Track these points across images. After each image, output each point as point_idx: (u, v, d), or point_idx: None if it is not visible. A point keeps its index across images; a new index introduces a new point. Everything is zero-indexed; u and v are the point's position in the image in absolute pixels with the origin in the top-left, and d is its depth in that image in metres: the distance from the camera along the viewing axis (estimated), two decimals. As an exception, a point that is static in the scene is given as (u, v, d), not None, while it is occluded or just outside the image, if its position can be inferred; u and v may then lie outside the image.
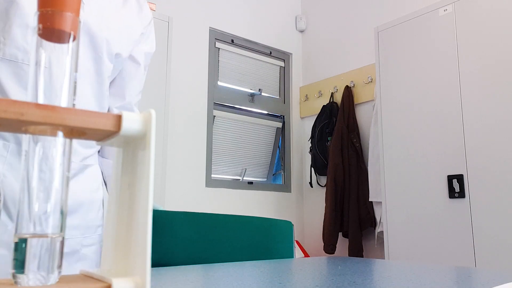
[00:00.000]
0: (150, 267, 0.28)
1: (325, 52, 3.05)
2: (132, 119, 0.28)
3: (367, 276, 0.54)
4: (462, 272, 0.60)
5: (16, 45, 0.71)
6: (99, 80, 0.82)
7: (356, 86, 2.73)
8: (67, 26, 0.28)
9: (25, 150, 0.28)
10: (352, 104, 2.69)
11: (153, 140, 0.28)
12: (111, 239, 0.31)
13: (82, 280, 0.29)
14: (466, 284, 0.46)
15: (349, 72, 2.81)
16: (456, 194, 1.74)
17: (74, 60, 0.29)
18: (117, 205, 0.31)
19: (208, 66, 2.66)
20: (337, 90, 2.84)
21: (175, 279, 0.50)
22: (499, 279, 0.47)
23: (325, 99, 2.90)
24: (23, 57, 0.71)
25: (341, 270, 0.61)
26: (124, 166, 0.31)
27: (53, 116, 0.25)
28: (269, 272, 0.59)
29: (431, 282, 0.46)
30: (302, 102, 3.13)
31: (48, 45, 0.28)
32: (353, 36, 2.84)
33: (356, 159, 2.54)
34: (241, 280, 0.50)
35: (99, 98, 0.83)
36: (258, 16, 2.99)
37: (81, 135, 0.29)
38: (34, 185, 0.27)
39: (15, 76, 0.71)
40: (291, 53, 3.18)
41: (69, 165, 0.29)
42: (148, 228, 0.28)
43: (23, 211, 0.27)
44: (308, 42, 3.20)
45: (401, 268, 0.62)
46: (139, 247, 0.28)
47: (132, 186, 0.30)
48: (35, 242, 0.27)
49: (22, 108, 0.24)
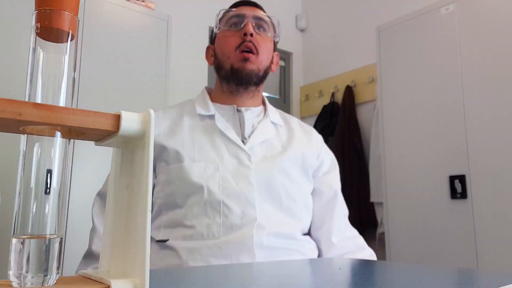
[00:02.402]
0: (149, 268, 0.27)
1: (326, 51, 3.04)
2: (131, 119, 0.27)
3: (368, 277, 0.54)
4: (464, 273, 0.59)
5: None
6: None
7: (357, 86, 2.73)
8: (65, 25, 0.28)
9: (23, 150, 0.27)
10: (353, 104, 2.69)
11: (152, 140, 0.27)
12: (110, 240, 0.31)
13: (81, 282, 0.28)
14: (468, 286, 0.46)
15: (350, 71, 2.80)
16: (458, 195, 1.74)
17: (73, 59, 0.29)
18: (116, 205, 0.31)
19: (208, 66, 2.66)
20: (338, 89, 2.84)
21: (174, 280, 0.50)
22: (502, 280, 0.47)
23: (326, 99, 2.90)
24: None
25: (341, 271, 0.60)
26: (123, 167, 0.31)
27: (51, 116, 0.25)
28: (269, 272, 0.59)
29: (433, 284, 0.46)
30: (303, 102, 3.13)
31: (46, 44, 0.27)
32: (354, 35, 2.84)
33: (357, 159, 2.53)
34: (241, 280, 0.50)
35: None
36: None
37: (80, 135, 0.28)
38: (32, 185, 0.27)
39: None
40: (291, 53, 3.17)
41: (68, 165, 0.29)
42: (147, 229, 0.28)
43: (20, 212, 0.27)
44: (309, 41, 3.20)
45: (403, 270, 0.61)
46: (138, 248, 0.28)
47: (130, 187, 0.29)
48: (33, 243, 0.26)
49: (20, 108, 0.24)
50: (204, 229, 0.82)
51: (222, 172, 0.86)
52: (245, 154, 0.89)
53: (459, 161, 1.75)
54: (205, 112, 0.95)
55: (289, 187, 0.90)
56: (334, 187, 1.00)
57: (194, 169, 0.86)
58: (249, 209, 0.84)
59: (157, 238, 0.86)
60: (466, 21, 1.81)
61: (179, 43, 2.47)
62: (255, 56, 0.93)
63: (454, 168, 1.76)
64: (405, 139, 1.97)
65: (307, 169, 0.96)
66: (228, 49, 0.94)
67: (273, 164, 0.90)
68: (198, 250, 0.81)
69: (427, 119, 1.89)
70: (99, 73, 1.79)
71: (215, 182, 0.85)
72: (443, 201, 1.79)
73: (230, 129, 0.92)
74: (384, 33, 2.14)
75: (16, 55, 1.62)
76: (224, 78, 0.96)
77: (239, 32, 0.93)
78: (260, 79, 0.96)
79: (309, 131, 1.05)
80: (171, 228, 0.86)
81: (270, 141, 0.95)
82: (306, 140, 1.00)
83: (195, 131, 0.91)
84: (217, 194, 0.84)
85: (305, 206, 0.94)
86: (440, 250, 1.77)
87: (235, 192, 0.84)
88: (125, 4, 1.93)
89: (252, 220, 0.83)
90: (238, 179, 0.86)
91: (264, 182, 0.87)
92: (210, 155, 0.88)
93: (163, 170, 0.88)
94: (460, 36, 1.82)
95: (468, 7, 1.81)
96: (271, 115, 1.00)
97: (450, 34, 1.85)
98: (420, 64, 1.95)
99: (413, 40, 2.00)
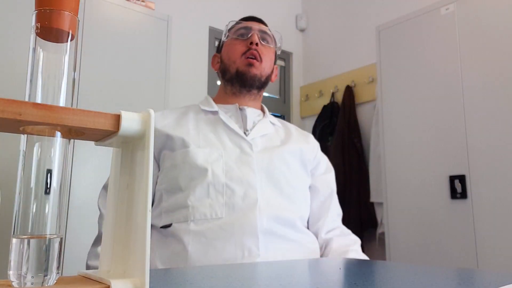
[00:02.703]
0: (149, 268, 0.27)
1: (326, 51, 3.04)
2: (131, 119, 0.27)
3: (368, 277, 0.54)
4: (464, 273, 0.59)
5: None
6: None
7: (357, 86, 2.73)
8: (65, 25, 0.28)
9: (23, 150, 0.27)
10: (353, 104, 2.69)
11: (152, 140, 0.27)
12: (110, 240, 0.31)
13: (81, 282, 0.28)
14: (468, 285, 0.46)
15: (350, 71, 2.80)
16: (458, 195, 1.73)
17: (73, 59, 0.29)
18: (116, 205, 0.31)
19: (207, 66, 2.66)
20: (338, 89, 2.83)
21: (174, 280, 0.50)
22: (502, 280, 0.47)
23: (326, 99, 2.90)
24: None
25: (342, 271, 0.60)
26: (123, 167, 0.30)
27: (51, 115, 0.25)
28: (269, 272, 0.59)
29: (433, 284, 0.46)
30: (303, 102, 3.12)
31: (46, 44, 0.27)
32: (354, 35, 2.84)
33: (357, 159, 2.53)
34: (241, 280, 0.50)
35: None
36: (258, 15, 2.98)
37: (80, 135, 0.28)
38: (32, 185, 0.27)
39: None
40: (291, 53, 3.17)
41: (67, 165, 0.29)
42: (147, 229, 0.28)
43: (20, 212, 0.26)
44: (309, 42, 3.19)
45: (403, 270, 0.61)
46: (138, 248, 0.28)
47: (130, 187, 0.29)
48: (33, 243, 0.26)
49: (20, 108, 0.24)
50: (207, 209, 0.85)
51: (226, 158, 0.91)
52: (247, 144, 0.94)
53: (459, 161, 1.75)
54: (209, 108, 1.01)
55: (289, 176, 0.95)
56: (331, 186, 1.06)
57: (199, 154, 0.90)
58: (250, 191, 0.88)
59: (160, 225, 0.88)
60: (466, 21, 1.81)
61: (179, 43, 2.47)
62: (259, 63, 1.01)
63: (454, 168, 1.76)
64: (405, 139, 1.97)
65: (305, 163, 1.01)
66: (235, 54, 1.02)
67: (273, 154, 0.96)
68: (202, 233, 0.82)
69: (427, 119, 1.89)
70: (99, 73, 1.79)
71: (219, 167, 0.89)
72: (443, 201, 1.79)
73: (233, 122, 0.98)
74: (384, 33, 2.14)
75: (16, 55, 1.62)
76: (228, 81, 1.03)
77: (246, 41, 1.02)
78: (262, 84, 1.04)
79: (306, 135, 1.11)
80: (172, 212, 0.87)
81: (270, 136, 1.01)
82: (303, 141, 1.07)
83: (199, 123, 0.97)
84: (220, 177, 0.88)
85: (303, 195, 0.99)
86: (440, 250, 1.77)
87: (237, 177, 0.89)
88: (125, 4, 1.93)
89: (254, 202, 0.86)
90: (241, 165, 0.91)
91: (265, 169, 0.92)
92: (214, 144, 0.93)
93: (168, 157, 0.92)
94: (460, 36, 1.82)
95: (468, 7, 1.81)
96: (270, 117, 1.07)
97: (450, 34, 1.85)
98: (420, 64, 1.95)
99: (413, 40, 2.00)
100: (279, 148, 0.98)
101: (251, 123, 1.01)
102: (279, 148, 0.98)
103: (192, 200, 0.86)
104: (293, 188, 0.95)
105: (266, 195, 0.89)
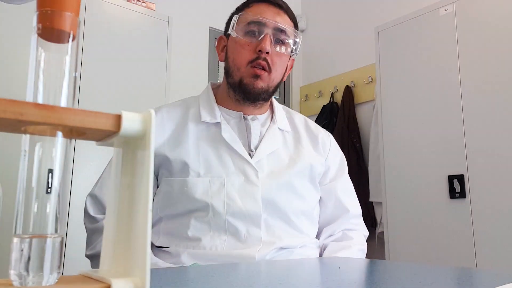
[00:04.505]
0: (149, 267, 0.27)
1: (325, 51, 3.05)
2: (132, 119, 0.28)
3: (367, 276, 0.54)
4: (463, 272, 0.59)
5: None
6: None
7: (356, 86, 2.73)
8: (66, 25, 0.28)
9: (24, 150, 0.28)
10: (352, 104, 2.69)
11: (153, 140, 0.28)
12: (111, 240, 0.31)
13: (82, 281, 0.28)
14: (467, 285, 0.46)
15: (349, 72, 2.80)
16: (457, 194, 1.74)
17: (74, 60, 0.29)
18: (117, 205, 0.31)
19: (208, 66, 2.66)
20: (337, 90, 2.84)
21: (175, 280, 0.50)
22: (500, 279, 0.47)
23: (325, 99, 2.90)
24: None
25: (341, 271, 0.60)
26: (124, 167, 0.31)
27: (52, 116, 0.25)
28: (269, 272, 0.59)
29: (432, 283, 0.46)
30: (302, 102, 3.13)
31: (47, 44, 0.28)
32: (353, 36, 2.84)
33: (357, 159, 2.53)
34: (241, 280, 0.50)
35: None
36: (258, 16, 2.98)
37: (81, 135, 0.28)
38: (33, 185, 0.27)
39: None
40: (291, 53, 3.17)
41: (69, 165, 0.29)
42: (148, 228, 0.28)
43: (22, 211, 0.27)
44: (308, 42, 3.20)
45: (402, 269, 0.61)
46: (138, 247, 0.28)
47: (131, 187, 0.30)
48: (34, 242, 0.27)
49: (21, 108, 0.24)
50: (207, 243, 0.81)
51: (228, 188, 0.83)
52: (252, 170, 0.86)
53: (457, 161, 1.75)
54: (210, 119, 0.90)
55: (296, 204, 0.89)
56: (338, 196, 0.98)
57: (198, 185, 0.83)
58: (253, 229, 0.83)
59: (157, 244, 0.85)
60: (464, 21, 1.81)
61: (180, 44, 2.47)
62: (267, 74, 0.88)
63: (453, 167, 1.77)
64: (404, 139, 1.97)
65: (314, 179, 0.95)
66: (240, 60, 0.88)
67: (280, 180, 0.88)
68: (200, 257, 0.80)
69: (426, 119, 1.89)
70: (100, 74, 1.79)
71: (220, 200, 0.82)
72: (442, 200, 1.79)
73: (237, 141, 0.88)
74: (383, 34, 2.14)
75: (18, 56, 1.62)
76: (231, 87, 0.92)
77: (255, 45, 0.87)
78: (270, 94, 0.92)
79: (316, 134, 1.01)
80: (171, 236, 0.85)
81: (277, 153, 0.91)
82: (313, 149, 0.97)
83: (200, 141, 0.88)
84: (221, 214, 0.82)
85: (311, 221, 0.94)
86: (439, 249, 1.78)
87: (240, 211, 0.82)
88: (126, 5, 1.93)
89: (257, 240, 0.82)
90: (244, 197, 0.84)
91: (270, 200, 0.85)
92: (216, 170, 0.85)
93: (165, 180, 0.86)
94: (458, 36, 1.82)
95: (466, 7, 1.81)
96: (278, 121, 0.96)
97: (449, 35, 1.86)
98: (419, 64, 1.96)
99: (412, 41, 2.00)
100: (286, 171, 0.89)
101: (256, 137, 0.91)
102: (287, 171, 0.89)
103: (193, 231, 0.82)
104: (300, 218, 0.90)
105: (271, 228, 0.85)
